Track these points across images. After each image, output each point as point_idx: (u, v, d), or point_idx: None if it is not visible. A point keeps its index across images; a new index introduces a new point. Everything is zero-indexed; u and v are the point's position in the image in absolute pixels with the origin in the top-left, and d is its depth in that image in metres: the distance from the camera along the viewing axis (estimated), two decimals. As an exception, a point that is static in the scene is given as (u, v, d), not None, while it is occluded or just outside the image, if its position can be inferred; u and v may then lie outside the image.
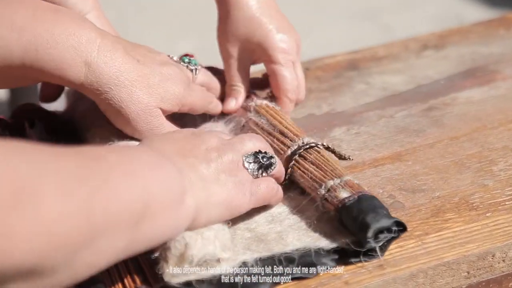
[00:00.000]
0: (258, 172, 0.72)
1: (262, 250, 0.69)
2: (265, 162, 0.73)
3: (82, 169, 0.56)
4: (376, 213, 0.68)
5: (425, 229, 0.72)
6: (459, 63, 1.03)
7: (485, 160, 0.82)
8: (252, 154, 0.73)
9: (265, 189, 0.72)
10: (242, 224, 0.72)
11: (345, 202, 0.70)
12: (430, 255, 0.69)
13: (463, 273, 0.70)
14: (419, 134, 0.87)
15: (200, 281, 0.65)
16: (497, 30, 1.11)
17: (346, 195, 0.70)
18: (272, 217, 0.73)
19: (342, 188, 0.71)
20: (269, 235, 0.71)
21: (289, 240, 0.70)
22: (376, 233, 0.67)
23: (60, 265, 0.53)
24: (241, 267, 0.66)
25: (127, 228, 0.58)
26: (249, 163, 0.72)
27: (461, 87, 0.97)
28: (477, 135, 0.87)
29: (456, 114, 0.91)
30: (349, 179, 0.72)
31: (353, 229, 0.68)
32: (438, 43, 1.08)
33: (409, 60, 1.05)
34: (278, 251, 0.68)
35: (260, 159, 0.73)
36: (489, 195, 0.77)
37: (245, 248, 0.69)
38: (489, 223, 0.73)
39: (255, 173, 0.72)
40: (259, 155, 0.73)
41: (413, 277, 0.68)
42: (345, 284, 0.66)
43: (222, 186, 0.68)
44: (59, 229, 0.51)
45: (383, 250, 0.68)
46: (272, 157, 0.74)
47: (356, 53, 1.06)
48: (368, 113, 0.92)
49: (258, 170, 0.72)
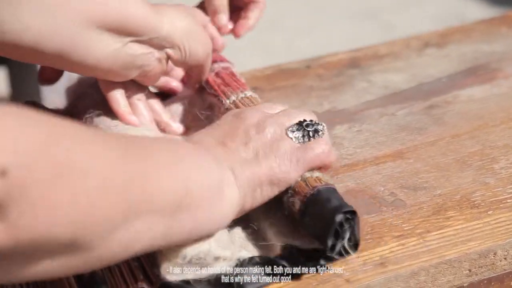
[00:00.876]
0: (303, 139, 0.70)
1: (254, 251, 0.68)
2: (310, 129, 0.70)
3: (126, 151, 0.57)
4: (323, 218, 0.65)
5: (427, 227, 0.72)
6: (461, 61, 1.03)
7: (486, 158, 0.82)
8: (296, 124, 0.71)
9: (313, 153, 0.69)
10: (240, 222, 0.72)
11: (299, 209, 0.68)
12: (431, 253, 0.69)
13: (465, 271, 0.70)
14: (421, 132, 0.87)
15: (198, 281, 0.65)
16: (499, 28, 1.11)
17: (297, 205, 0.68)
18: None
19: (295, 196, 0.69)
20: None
21: (273, 240, 0.69)
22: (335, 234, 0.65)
23: (97, 241, 0.53)
24: (236, 266, 0.66)
25: (165, 214, 0.58)
26: (292, 131, 0.70)
27: (463, 85, 0.97)
28: (478, 133, 0.87)
29: (458, 112, 0.91)
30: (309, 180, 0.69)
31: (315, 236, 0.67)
32: (440, 41, 1.08)
33: (411, 58, 1.04)
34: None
35: (304, 127, 0.70)
36: (491, 193, 0.76)
37: (241, 247, 0.68)
38: (491, 221, 0.73)
39: (301, 141, 0.70)
40: (303, 123, 0.71)
41: (414, 275, 0.68)
42: (346, 282, 0.66)
43: (262, 163, 0.67)
44: (99, 203, 0.52)
45: (356, 243, 0.67)
46: (319, 124, 0.71)
47: (357, 51, 1.06)
48: (370, 111, 0.92)
49: (303, 137, 0.70)
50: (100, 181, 0.52)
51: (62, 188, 0.50)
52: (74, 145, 0.52)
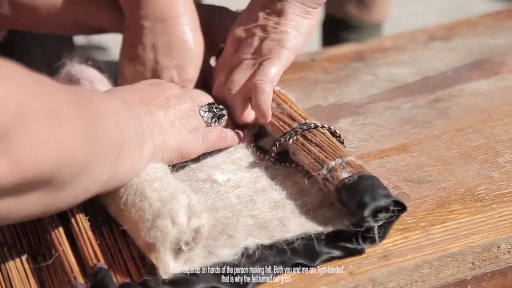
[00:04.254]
0: (211, 121, 0.80)
1: (264, 237, 0.69)
2: (218, 112, 0.81)
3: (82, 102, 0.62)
4: (374, 192, 0.68)
5: (430, 220, 0.72)
6: (466, 54, 1.03)
7: (491, 151, 0.82)
8: (207, 104, 0.81)
9: (215, 136, 0.79)
10: (245, 211, 0.73)
11: (345, 181, 0.70)
12: (435, 246, 0.69)
13: (468, 264, 0.70)
14: (425, 126, 0.87)
15: (204, 272, 0.65)
16: (504, 22, 1.11)
17: (346, 175, 0.70)
18: (275, 203, 0.74)
19: (343, 168, 0.71)
20: (272, 222, 0.71)
21: (290, 226, 0.70)
22: (374, 212, 0.67)
23: (69, 180, 0.60)
24: (243, 253, 0.67)
25: (110, 161, 0.65)
26: (204, 111, 0.80)
27: (468, 79, 0.97)
28: (483, 126, 0.87)
29: (463, 106, 0.91)
30: (352, 159, 0.72)
31: (352, 208, 0.68)
32: (445, 34, 1.08)
33: (416, 51, 1.04)
34: (279, 238, 0.68)
35: (213, 109, 0.81)
36: (495, 186, 0.77)
37: (247, 234, 0.69)
38: (495, 215, 0.73)
39: (209, 121, 0.80)
40: (213, 105, 0.81)
41: (418, 268, 0.68)
42: (350, 275, 0.66)
43: (177, 132, 0.75)
44: (74, 146, 0.58)
45: (383, 235, 0.68)
46: (223, 109, 0.82)
47: (363, 45, 1.06)
48: (374, 104, 0.92)
49: (212, 119, 0.80)
50: (75, 127, 0.59)
51: (50, 128, 0.56)
52: (54, 93, 0.58)
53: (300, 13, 0.84)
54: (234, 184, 0.77)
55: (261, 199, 0.74)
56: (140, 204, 0.67)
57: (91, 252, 0.67)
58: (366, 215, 0.66)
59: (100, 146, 0.63)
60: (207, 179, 0.77)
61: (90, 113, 0.63)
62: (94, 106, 0.64)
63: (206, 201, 0.74)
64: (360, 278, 0.66)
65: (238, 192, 0.76)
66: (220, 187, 0.76)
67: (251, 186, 0.77)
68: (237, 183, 0.77)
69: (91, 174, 0.63)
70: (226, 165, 0.80)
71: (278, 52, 0.83)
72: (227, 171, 0.79)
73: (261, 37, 0.84)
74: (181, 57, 0.85)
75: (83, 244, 0.68)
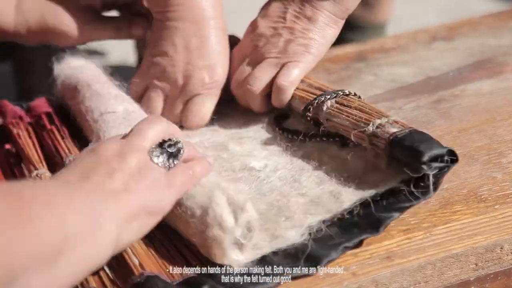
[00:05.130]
0: (169, 162, 0.68)
1: (321, 212, 0.70)
2: (173, 150, 0.69)
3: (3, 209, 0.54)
4: (429, 142, 0.70)
5: (433, 221, 0.72)
6: (468, 55, 1.03)
7: (493, 152, 0.82)
8: (157, 146, 0.69)
9: (180, 178, 0.68)
10: (292, 190, 0.74)
11: (397, 134, 0.71)
12: (438, 247, 0.69)
13: (471, 265, 0.70)
14: (428, 126, 0.87)
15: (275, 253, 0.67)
16: (506, 22, 1.11)
17: (396, 130, 0.72)
18: (320, 179, 0.75)
19: (391, 125, 0.73)
20: (323, 196, 0.72)
21: (343, 197, 0.71)
22: (430, 160, 0.69)
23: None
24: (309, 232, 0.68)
25: (49, 264, 0.56)
26: (157, 157, 0.68)
27: (470, 79, 0.97)
28: (486, 127, 0.86)
29: (465, 106, 0.91)
30: (397, 118, 0.74)
31: (407, 158, 0.70)
32: (447, 34, 1.08)
33: (418, 51, 1.04)
34: (337, 210, 0.70)
35: (166, 148, 0.69)
36: (498, 187, 0.76)
37: (305, 213, 0.70)
38: (498, 216, 0.73)
39: (167, 165, 0.68)
40: (165, 144, 0.69)
41: (421, 268, 0.68)
42: (353, 276, 0.66)
43: (134, 193, 0.65)
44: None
45: (436, 186, 0.70)
46: (177, 142, 0.69)
47: (364, 45, 1.06)
48: (377, 105, 0.91)
49: (169, 160, 0.68)
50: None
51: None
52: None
53: (329, 22, 0.87)
54: (272, 168, 0.78)
55: (304, 177, 0.76)
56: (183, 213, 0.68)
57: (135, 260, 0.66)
58: (424, 161, 0.68)
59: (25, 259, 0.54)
60: (244, 168, 0.79)
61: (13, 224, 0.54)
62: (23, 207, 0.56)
63: (250, 189, 0.75)
64: (363, 279, 0.66)
65: (279, 175, 0.77)
66: (259, 173, 0.78)
67: (289, 168, 0.78)
68: (275, 167, 0.79)
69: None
70: (257, 152, 0.82)
71: (303, 56, 0.87)
72: (261, 157, 0.81)
73: (288, 39, 0.87)
74: (212, 58, 0.87)
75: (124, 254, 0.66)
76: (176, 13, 0.86)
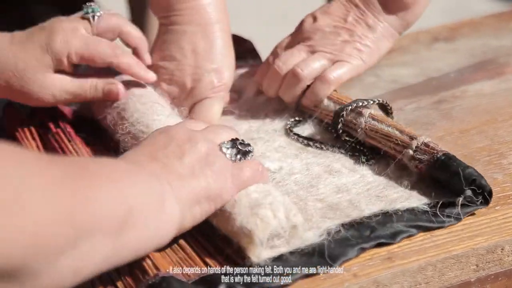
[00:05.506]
0: (236, 157, 0.70)
1: (340, 217, 0.70)
2: (243, 148, 0.71)
3: (66, 176, 0.56)
4: (473, 169, 0.72)
5: (434, 222, 0.72)
6: (470, 55, 1.03)
7: (494, 153, 0.82)
8: (230, 141, 0.71)
9: (247, 172, 0.69)
10: (310, 196, 0.74)
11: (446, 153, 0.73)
12: (439, 248, 0.69)
13: (472, 266, 0.70)
14: (429, 127, 0.87)
15: (292, 253, 0.67)
16: (508, 23, 1.11)
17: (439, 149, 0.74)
18: (338, 188, 0.75)
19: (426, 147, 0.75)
20: (341, 203, 0.72)
21: (363, 206, 0.71)
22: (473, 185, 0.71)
23: (44, 268, 0.53)
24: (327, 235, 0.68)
25: (111, 234, 0.58)
26: (226, 148, 0.70)
27: (471, 80, 0.97)
28: (487, 128, 0.86)
29: (466, 107, 0.91)
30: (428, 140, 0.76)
31: (450, 179, 0.72)
32: (449, 35, 1.08)
33: (419, 52, 1.04)
34: (356, 216, 0.70)
35: (237, 145, 0.71)
36: (499, 188, 0.76)
37: (323, 217, 0.70)
38: (498, 217, 0.73)
39: (234, 159, 0.70)
40: (237, 141, 0.71)
41: (421, 270, 0.68)
42: (354, 277, 0.66)
43: (199, 177, 0.66)
44: (43, 232, 0.52)
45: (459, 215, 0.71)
46: (249, 145, 0.72)
47: (366, 46, 1.06)
48: (378, 106, 0.92)
49: (237, 155, 0.70)
50: (45, 211, 0.53)
51: (11, 220, 0.50)
52: (18, 179, 0.52)
53: (387, 35, 0.90)
54: (287, 171, 0.79)
55: (322, 185, 0.76)
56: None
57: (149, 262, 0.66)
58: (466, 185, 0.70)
59: (89, 222, 0.56)
60: None
61: (77, 188, 0.56)
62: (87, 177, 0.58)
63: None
64: (364, 280, 0.66)
65: (295, 179, 0.77)
66: (274, 175, 0.78)
67: (305, 173, 0.78)
68: (290, 170, 0.79)
69: (79, 254, 0.56)
70: (271, 154, 0.82)
71: (355, 60, 0.89)
72: (275, 159, 0.81)
73: (346, 40, 0.89)
74: (220, 61, 0.88)
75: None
76: (181, 17, 0.87)
